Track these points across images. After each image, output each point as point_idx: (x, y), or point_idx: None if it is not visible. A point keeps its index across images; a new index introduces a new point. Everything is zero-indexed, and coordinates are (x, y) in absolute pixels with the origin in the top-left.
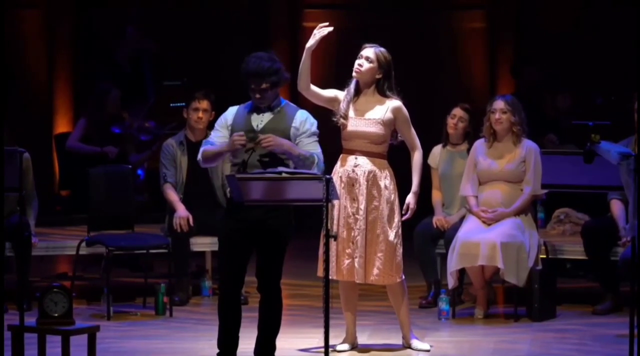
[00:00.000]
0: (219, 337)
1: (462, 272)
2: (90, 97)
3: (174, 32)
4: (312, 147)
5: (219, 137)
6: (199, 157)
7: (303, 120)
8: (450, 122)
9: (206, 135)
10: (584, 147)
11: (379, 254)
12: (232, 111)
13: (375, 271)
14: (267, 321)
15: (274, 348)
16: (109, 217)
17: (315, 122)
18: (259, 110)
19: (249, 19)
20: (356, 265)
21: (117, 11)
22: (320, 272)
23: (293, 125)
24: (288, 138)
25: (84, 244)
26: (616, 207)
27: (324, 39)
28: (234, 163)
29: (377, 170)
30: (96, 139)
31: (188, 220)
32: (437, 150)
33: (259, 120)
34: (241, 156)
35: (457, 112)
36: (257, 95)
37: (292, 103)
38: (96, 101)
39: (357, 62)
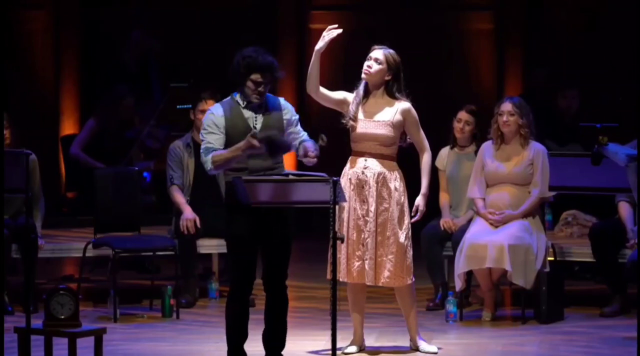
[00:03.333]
0: (228, 334)
1: (469, 274)
2: (104, 100)
3: (180, 33)
4: (302, 132)
5: (217, 139)
6: (209, 165)
7: (289, 109)
8: (457, 126)
9: None
10: (591, 149)
11: (390, 256)
12: (219, 112)
13: (387, 273)
14: (274, 322)
15: (283, 344)
16: (115, 219)
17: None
18: (249, 108)
19: (256, 21)
20: (366, 267)
21: (123, 12)
22: (328, 275)
23: (284, 117)
24: (283, 128)
25: (90, 246)
26: (624, 209)
27: (332, 41)
28: (237, 169)
29: (386, 172)
30: (105, 142)
31: (195, 222)
32: (444, 152)
33: (254, 119)
34: (244, 161)
35: (463, 116)
36: (261, 89)
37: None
38: (109, 105)
39: (366, 63)
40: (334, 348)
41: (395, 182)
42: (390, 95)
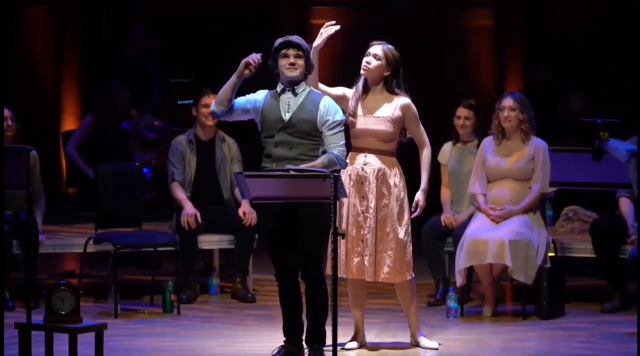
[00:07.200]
0: (284, 324)
1: (470, 270)
2: (100, 95)
3: (181, 29)
4: (333, 139)
5: (243, 99)
6: (213, 107)
7: (327, 106)
8: (458, 122)
9: (216, 133)
10: (592, 145)
11: (389, 252)
12: (262, 93)
13: (386, 269)
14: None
15: (323, 333)
16: (116, 215)
17: (339, 110)
18: (284, 92)
19: (257, 16)
20: (366, 263)
21: (123, 7)
22: (328, 270)
23: (319, 112)
24: (315, 123)
25: (91, 242)
26: (625, 205)
27: (331, 37)
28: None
29: (386, 168)
30: (103, 137)
31: (196, 217)
32: (447, 147)
33: (287, 105)
34: (269, 148)
35: (462, 112)
36: (292, 61)
37: (315, 90)
38: (106, 99)
39: (365, 59)
40: (334, 343)
41: (395, 178)
42: (390, 91)
